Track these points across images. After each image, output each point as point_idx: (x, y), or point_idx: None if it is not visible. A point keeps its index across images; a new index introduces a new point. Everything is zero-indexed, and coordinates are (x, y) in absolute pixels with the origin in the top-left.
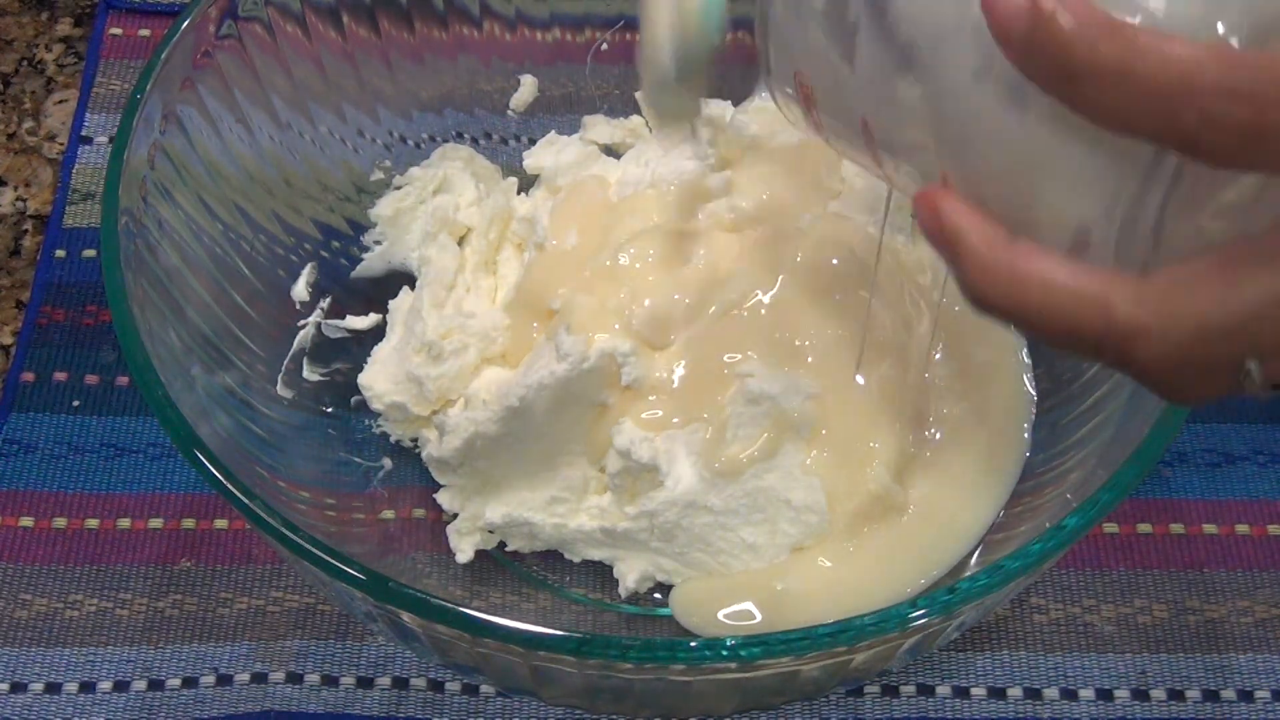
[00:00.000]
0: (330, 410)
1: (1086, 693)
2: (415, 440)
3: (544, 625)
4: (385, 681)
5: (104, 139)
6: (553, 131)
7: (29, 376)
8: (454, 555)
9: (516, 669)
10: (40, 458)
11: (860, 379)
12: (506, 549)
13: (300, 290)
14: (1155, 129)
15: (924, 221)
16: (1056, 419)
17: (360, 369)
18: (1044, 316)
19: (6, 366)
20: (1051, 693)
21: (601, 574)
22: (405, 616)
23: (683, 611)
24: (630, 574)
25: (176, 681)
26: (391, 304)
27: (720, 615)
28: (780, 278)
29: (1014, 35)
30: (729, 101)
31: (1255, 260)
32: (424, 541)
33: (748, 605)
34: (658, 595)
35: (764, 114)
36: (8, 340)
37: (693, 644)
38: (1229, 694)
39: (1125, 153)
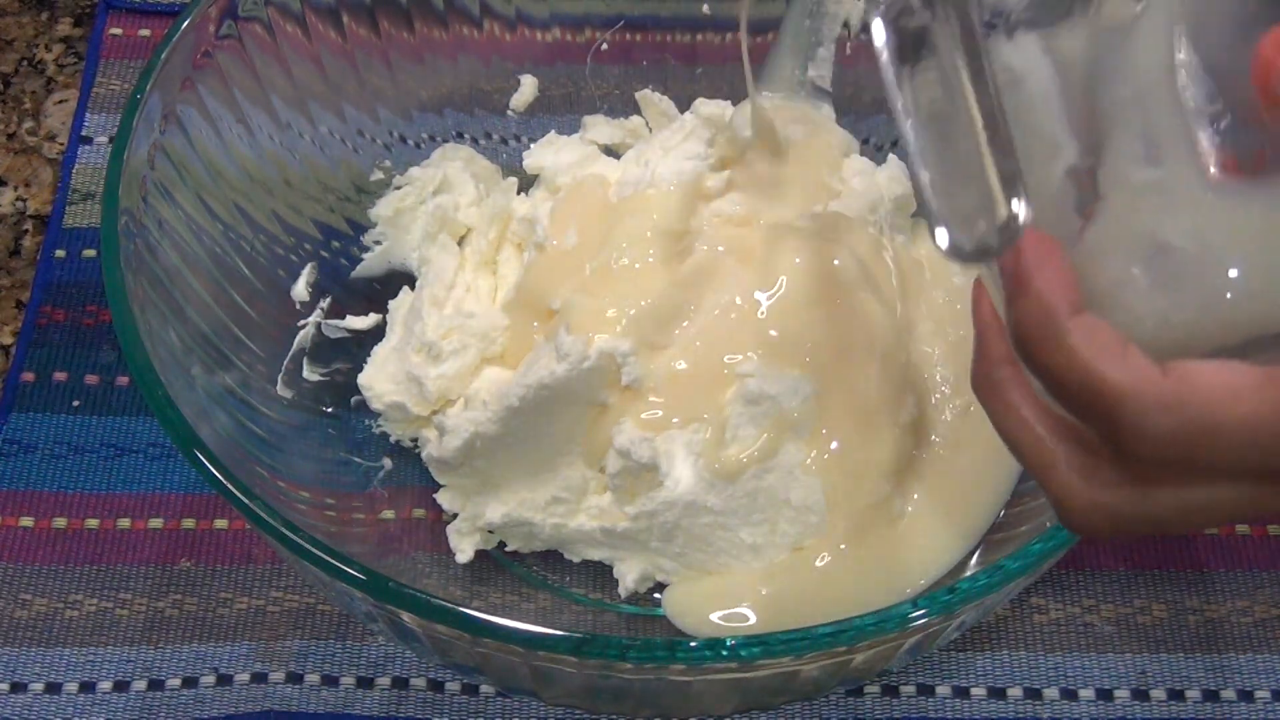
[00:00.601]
0: (330, 410)
1: (1086, 693)
2: (415, 440)
3: (544, 625)
4: (385, 681)
5: (104, 139)
6: (553, 131)
7: (29, 376)
8: (454, 555)
9: (516, 669)
10: (40, 458)
11: (860, 379)
12: (506, 549)
13: (300, 290)
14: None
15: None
16: None
17: (360, 369)
18: (1008, 437)
19: (6, 366)
20: (1051, 693)
21: (601, 574)
22: (405, 616)
23: (675, 612)
24: (630, 574)
25: (176, 681)
26: (391, 304)
27: (713, 617)
28: (780, 278)
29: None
30: (728, 101)
31: (1260, 384)
32: (424, 541)
33: (741, 608)
34: (657, 595)
35: (766, 110)
36: (8, 340)
37: (693, 644)
38: (1229, 694)
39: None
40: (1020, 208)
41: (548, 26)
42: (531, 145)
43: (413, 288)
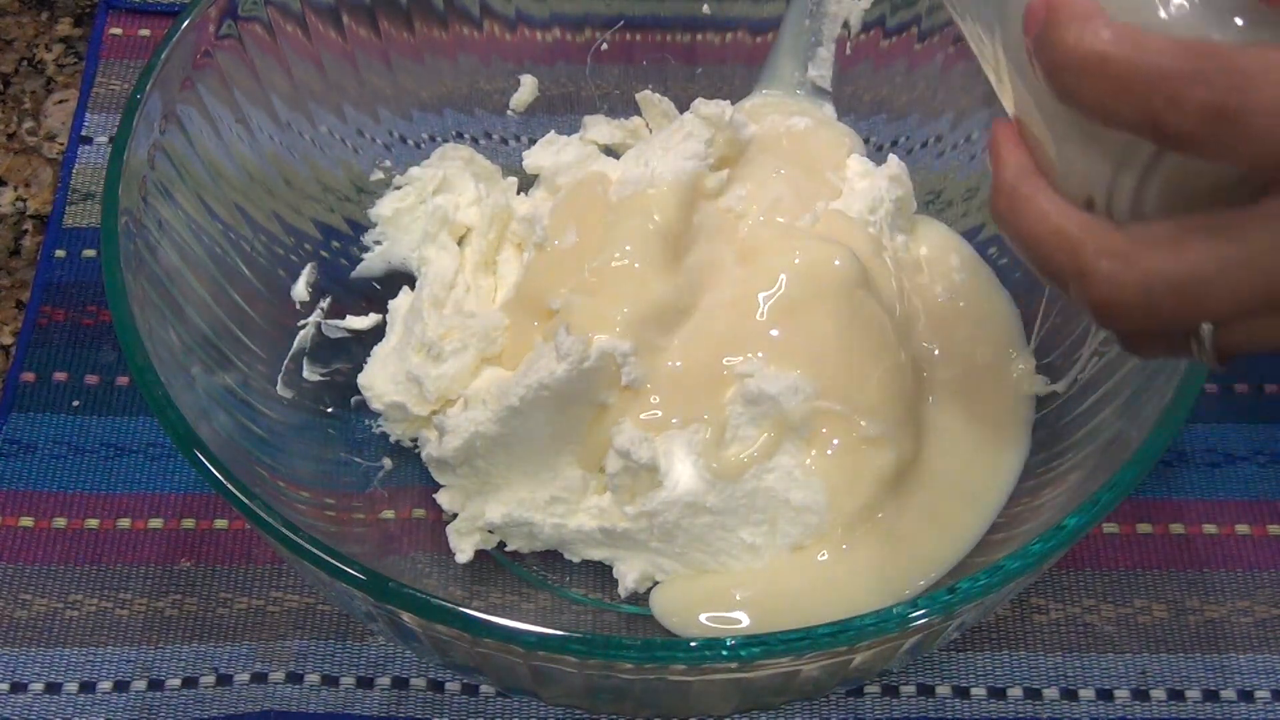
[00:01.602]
0: (330, 410)
1: (1086, 693)
2: (415, 440)
3: (544, 625)
4: (385, 681)
5: (104, 139)
6: (552, 131)
7: (29, 376)
8: (454, 555)
9: (516, 669)
10: (40, 458)
11: (860, 379)
12: (506, 549)
13: (300, 290)
14: (1130, 117)
15: (989, 143)
16: (1056, 419)
17: (360, 369)
18: (1031, 244)
19: (6, 366)
20: (1051, 693)
21: (601, 574)
22: (405, 616)
23: (662, 612)
24: (630, 574)
25: (176, 681)
26: (391, 304)
27: (702, 618)
28: (781, 277)
29: (1031, 23)
30: (728, 101)
31: (1207, 231)
32: (424, 541)
33: (730, 609)
34: None
35: (763, 111)
36: (8, 340)
37: (693, 644)
38: (1229, 694)
39: (1106, 137)
40: None
41: (548, 26)
42: (531, 145)
43: (413, 288)
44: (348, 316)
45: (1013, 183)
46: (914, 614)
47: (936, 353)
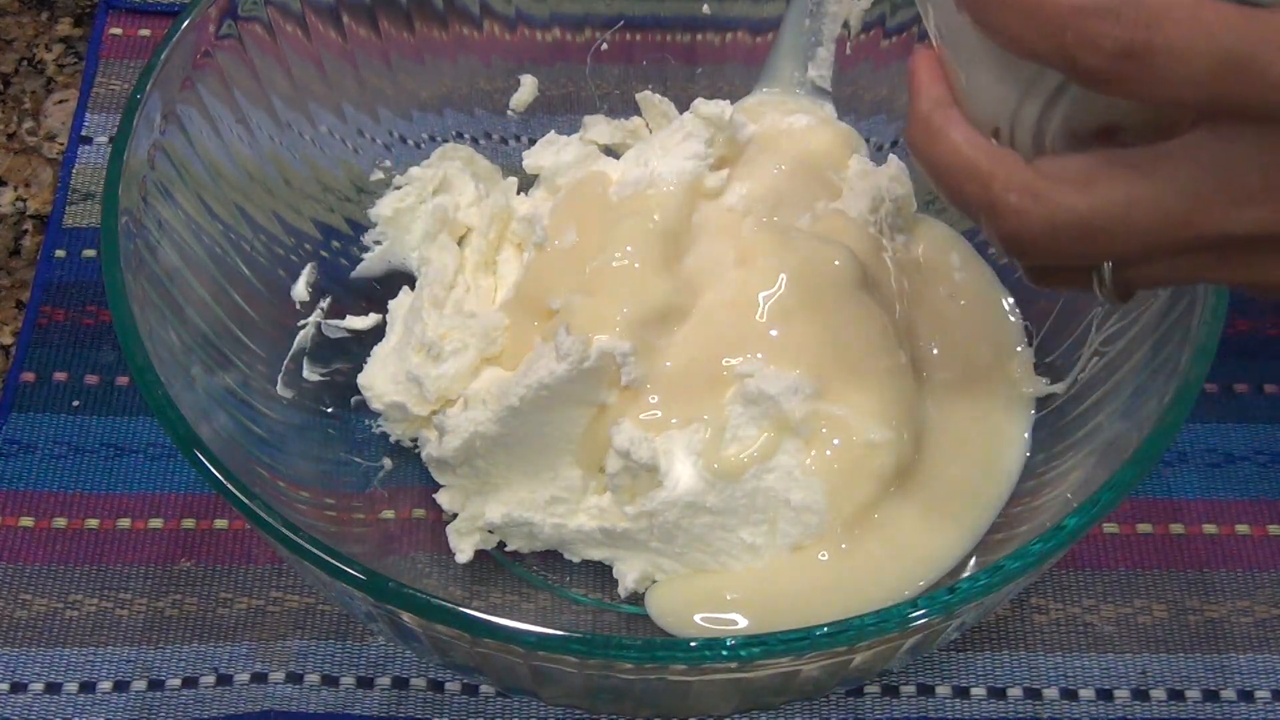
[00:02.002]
0: (330, 410)
1: (1086, 693)
2: (415, 440)
3: (544, 625)
4: (385, 681)
5: (104, 139)
6: (552, 131)
7: (29, 376)
8: (454, 555)
9: (516, 669)
10: (40, 458)
11: (860, 379)
12: (506, 549)
13: (300, 290)
14: (1042, 49)
15: (908, 70)
16: (1056, 419)
17: (360, 369)
18: (943, 175)
19: (6, 366)
20: (1051, 693)
21: (601, 574)
22: (405, 616)
23: (658, 612)
24: (630, 574)
25: (176, 681)
26: (391, 304)
27: (697, 618)
28: (781, 277)
29: None
30: (728, 101)
31: (1114, 171)
32: (424, 541)
33: (726, 609)
34: None
35: (763, 109)
36: (8, 340)
37: (693, 644)
38: (1229, 694)
39: (1016, 67)
40: None
41: (548, 26)
42: (531, 145)
43: (413, 288)
44: (348, 316)
45: (928, 112)
46: (914, 614)
47: (936, 352)
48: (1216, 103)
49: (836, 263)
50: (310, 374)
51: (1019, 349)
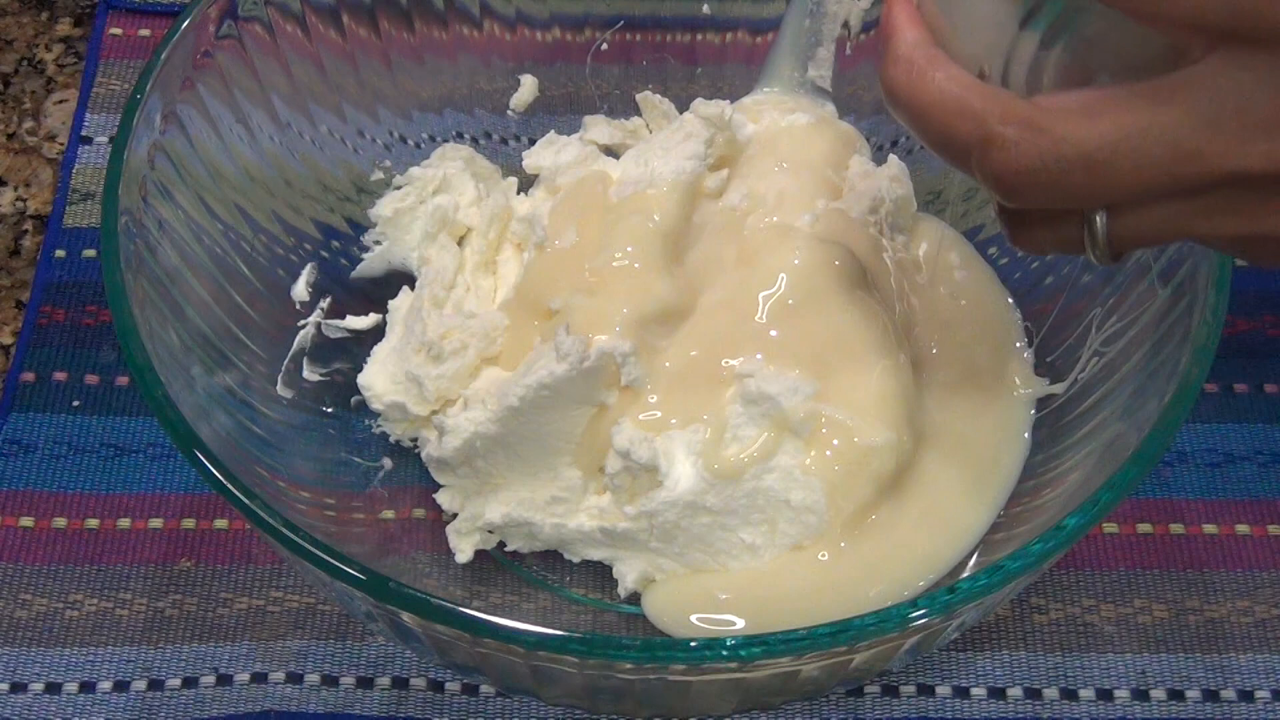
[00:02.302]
0: (330, 410)
1: (1086, 693)
2: (415, 440)
3: (544, 625)
4: (385, 681)
5: (104, 139)
6: (552, 131)
7: (29, 376)
8: (454, 555)
9: (516, 669)
10: (40, 458)
11: (860, 379)
12: (506, 549)
13: (300, 290)
14: None
15: (882, 15)
16: (1056, 419)
17: (360, 369)
18: (930, 114)
19: (6, 366)
20: (1051, 693)
21: (601, 574)
22: (405, 616)
23: (654, 612)
24: (630, 574)
25: (176, 681)
26: (391, 304)
27: (693, 618)
28: (780, 277)
29: None
30: (728, 101)
31: (1120, 101)
32: (424, 541)
33: (722, 610)
34: None
35: (763, 107)
36: (8, 340)
37: (693, 644)
38: (1229, 694)
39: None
40: None
41: (548, 26)
42: (531, 145)
43: (413, 288)
44: (348, 316)
45: (909, 54)
46: (914, 614)
47: (936, 352)
48: (1237, 20)
49: (836, 263)
50: (310, 374)
51: (1019, 349)
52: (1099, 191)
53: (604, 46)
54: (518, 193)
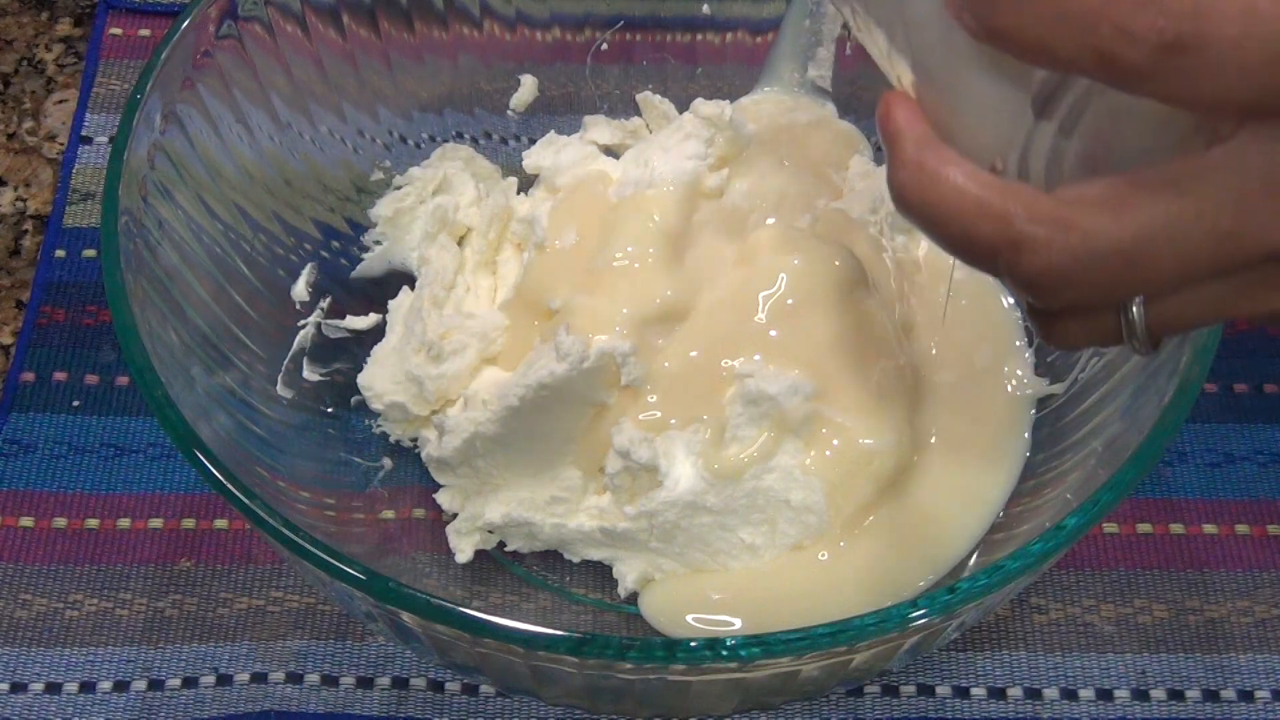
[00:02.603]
0: (330, 410)
1: (1086, 693)
2: (415, 440)
3: (544, 625)
4: (385, 681)
5: (104, 139)
6: (552, 131)
7: (29, 376)
8: (454, 555)
9: (516, 669)
10: (40, 458)
11: (859, 380)
12: (506, 549)
13: (300, 290)
14: (1070, 49)
15: (879, 117)
16: (1056, 419)
17: (360, 369)
18: (948, 218)
19: (6, 366)
20: (1051, 693)
21: (601, 574)
22: (405, 616)
23: (651, 612)
24: (630, 574)
25: (176, 681)
26: (391, 304)
27: (689, 618)
28: (780, 277)
29: None
30: (728, 101)
31: (1149, 188)
32: (424, 541)
33: (718, 610)
34: None
35: (763, 107)
36: (8, 340)
37: (693, 644)
38: (1229, 694)
39: (1027, 81)
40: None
41: (548, 26)
42: (531, 145)
43: (413, 288)
44: (348, 316)
45: (916, 155)
46: (914, 614)
47: (936, 353)
48: (1266, 95)
49: (836, 263)
50: (310, 374)
51: (1019, 349)
52: (1137, 285)
53: (604, 46)
54: (518, 193)
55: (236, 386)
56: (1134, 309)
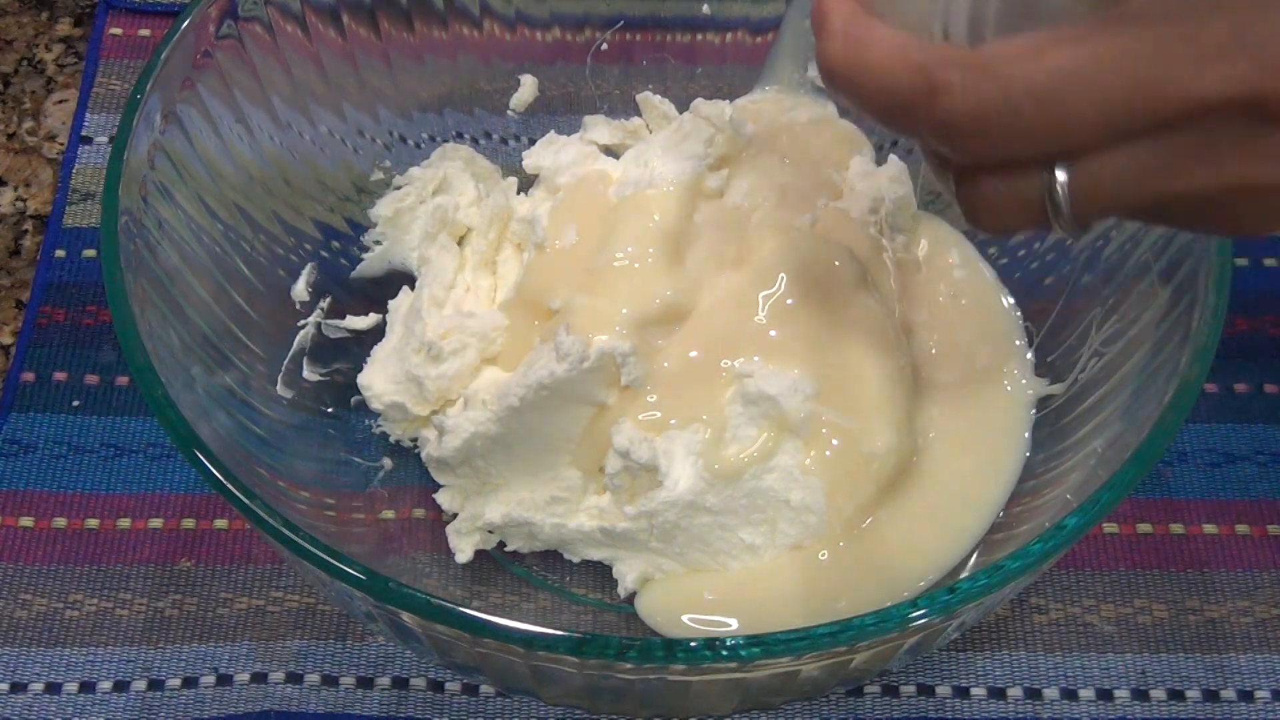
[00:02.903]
0: (330, 410)
1: (1086, 693)
2: (415, 440)
3: (544, 625)
4: (385, 681)
5: (104, 139)
6: (552, 131)
7: (29, 376)
8: (454, 555)
9: (516, 669)
10: (40, 458)
11: (859, 380)
12: (506, 549)
13: (300, 290)
14: None
15: (812, 8)
16: (1056, 419)
17: (360, 369)
18: (870, 76)
19: (6, 366)
20: (1051, 693)
21: (601, 574)
22: (405, 616)
23: (647, 612)
24: (630, 574)
25: (176, 681)
26: (391, 304)
27: (685, 618)
28: (780, 277)
29: None
30: (727, 101)
31: (1070, 37)
32: (424, 541)
33: (714, 611)
34: None
35: (763, 106)
36: (8, 340)
37: (693, 644)
38: (1229, 694)
39: None
40: None
41: (548, 26)
42: (531, 145)
43: (413, 288)
44: (348, 316)
45: (843, 28)
46: (914, 614)
47: (936, 353)
48: None
49: (836, 263)
50: (310, 374)
51: (1019, 349)
52: (1054, 130)
53: (604, 46)
54: (518, 193)
55: (236, 386)
56: (1057, 178)
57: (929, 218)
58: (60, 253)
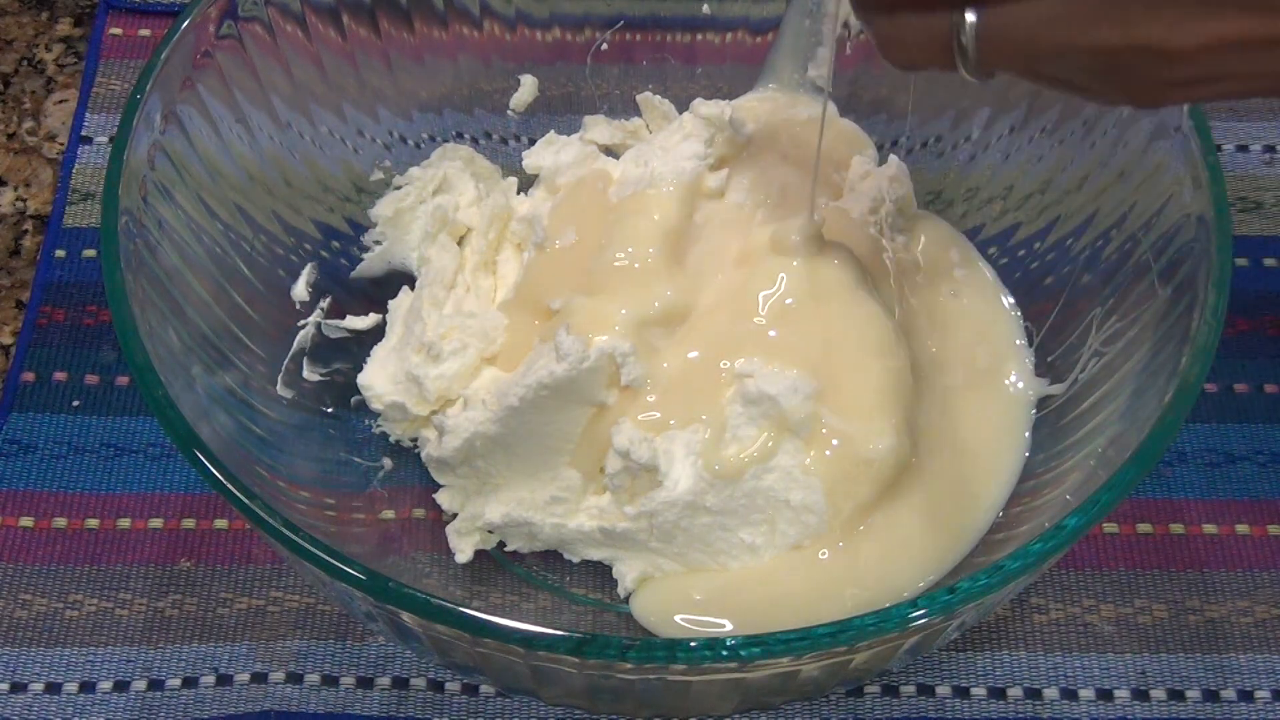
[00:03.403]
0: (330, 410)
1: (1086, 693)
2: (415, 440)
3: (544, 625)
4: (385, 681)
5: (104, 139)
6: (552, 131)
7: (29, 376)
8: (454, 555)
9: (516, 669)
10: (40, 458)
11: (859, 380)
12: (506, 549)
13: (300, 290)
14: None
15: None
16: (1056, 419)
17: (360, 369)
18: None
19: (6, 366)
20: (1051, 693)
21: (601, 574)
22: (405, 616)
23: (641, 611)
24: (630, 574)
25: (176, 681)
26: (391, 304)
27: (678, 618)
28: (780, 277)
29: None
30: (727, 101)
31: None
32: (424, 541)
33: (708, 611)
34: None
35: (763, 106)
36: (8, 340)
37: (693, 644)
38: (1229, 694)
39: None
40: None
41: (548, 26)
42: (531, 145)
43: (413, 288)
44: (348, 316)
45: None
46: (914, 614)
47: (936, 353)
48: None
49: (836, 263)
50: (310, 374)
51: (1019, 349)
52: None
53: (604, 46)
54: (518, 193)
55: (236, 386)
56: (967, 15)
57: (929, 217)
58: (60, 253)
